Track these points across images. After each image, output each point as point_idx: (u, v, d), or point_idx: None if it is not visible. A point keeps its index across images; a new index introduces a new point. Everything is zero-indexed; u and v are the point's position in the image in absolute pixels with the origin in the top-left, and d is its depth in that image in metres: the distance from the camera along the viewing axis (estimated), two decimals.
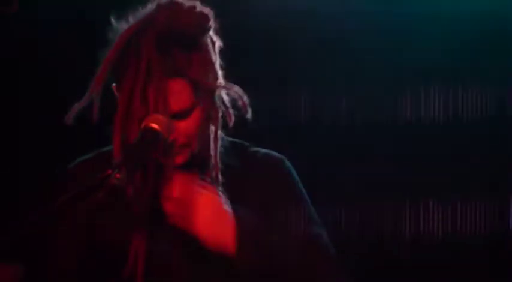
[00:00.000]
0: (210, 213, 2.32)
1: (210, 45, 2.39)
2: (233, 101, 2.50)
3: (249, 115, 2.48)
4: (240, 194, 2.51)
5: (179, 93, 2.32)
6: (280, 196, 2.63)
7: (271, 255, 2.43)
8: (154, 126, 2.23)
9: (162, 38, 2.24)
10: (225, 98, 2.47)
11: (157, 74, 2.26)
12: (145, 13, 2.33)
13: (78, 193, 2.09)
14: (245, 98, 2.45)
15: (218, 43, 2.41)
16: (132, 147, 2.23)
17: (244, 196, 2.53)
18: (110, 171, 2.10)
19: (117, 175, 2.10)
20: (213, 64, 2.39)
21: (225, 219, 2.33)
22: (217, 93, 2.44)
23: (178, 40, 2.28)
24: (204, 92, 2.39)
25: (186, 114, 2.36)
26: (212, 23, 2.39)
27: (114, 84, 2.35)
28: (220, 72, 2.43)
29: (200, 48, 2.35)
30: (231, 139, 2.61)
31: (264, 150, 2.68)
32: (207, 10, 2.37)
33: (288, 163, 2.68)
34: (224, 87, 2.44)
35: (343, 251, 2.87)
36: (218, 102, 2.46)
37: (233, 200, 2.45)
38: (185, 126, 2.37)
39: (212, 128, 2.46)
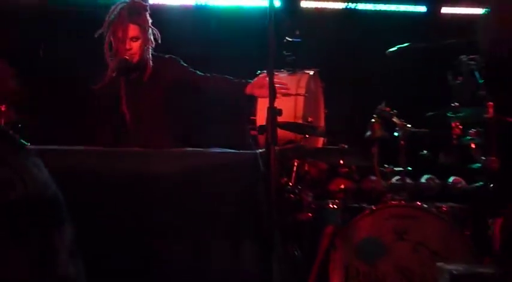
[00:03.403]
0: None
1: (147, 17, 2.98)
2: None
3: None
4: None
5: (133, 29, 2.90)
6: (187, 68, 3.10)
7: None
8: (126, 57, 2.87)
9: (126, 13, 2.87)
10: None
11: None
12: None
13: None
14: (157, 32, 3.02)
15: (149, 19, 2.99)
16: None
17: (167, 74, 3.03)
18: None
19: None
20: (148, 22, 2.98)
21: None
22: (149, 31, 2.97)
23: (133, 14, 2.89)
24: (143, 30, 2.95)
25: (136, 39, 2.91)
26: (147, 9, 2.96)
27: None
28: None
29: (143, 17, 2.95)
30: (155, 53, 3.06)
31: (166, 55, 3.11)
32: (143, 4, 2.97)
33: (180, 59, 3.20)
34: (150, 26, 2.99)
35: None
36: (149, 36, 2.98)
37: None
38: (136, 44, 2.92)
39: (148, 47, 2.97)
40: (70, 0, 4.30)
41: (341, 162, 3.28)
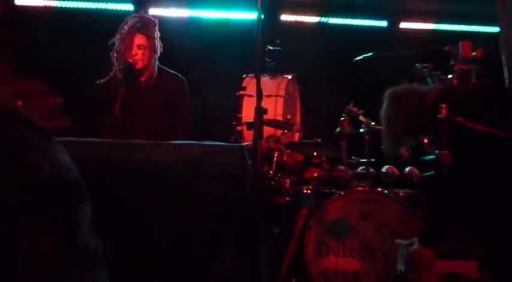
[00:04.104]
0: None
1: (155, 30, 2.96)
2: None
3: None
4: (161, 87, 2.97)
5: (140, 38, 2.90)
6: (178, 100, 2.98)
7: None
8: (130, 61, 2.86)
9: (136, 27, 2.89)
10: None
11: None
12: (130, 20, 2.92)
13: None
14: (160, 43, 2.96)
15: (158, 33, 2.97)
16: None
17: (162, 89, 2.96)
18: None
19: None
20: (155, 34, 2.94)
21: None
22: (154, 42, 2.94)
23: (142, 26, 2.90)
24: (150, 40, 2.92)
25: (143, 47, 2.89)
26: (155, 24, 2.94)
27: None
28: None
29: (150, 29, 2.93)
30: (170, 71, 3.02)
31: (174, 72, 3.04)
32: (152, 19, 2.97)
33: (185, 82, 3.01)
34: (156, 39, 2.94)
35: None
36: (155, 47, 2.94)
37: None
38: (142, 52, 2.89)
39: (153, 57, 2.93)
40: (75, 8, 4.25)
41: (315, 153, 3.29)
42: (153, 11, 4.34)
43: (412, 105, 2.40)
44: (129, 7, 4.33)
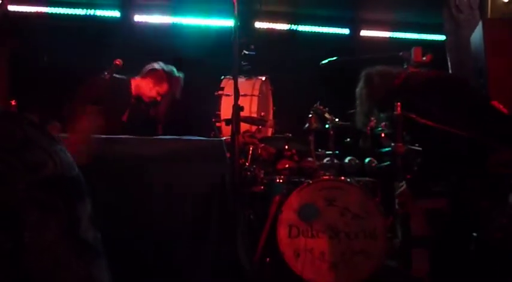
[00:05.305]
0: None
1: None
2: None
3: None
4: None
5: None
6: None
7: None
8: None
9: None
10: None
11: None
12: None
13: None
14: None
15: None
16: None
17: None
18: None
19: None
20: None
21: None
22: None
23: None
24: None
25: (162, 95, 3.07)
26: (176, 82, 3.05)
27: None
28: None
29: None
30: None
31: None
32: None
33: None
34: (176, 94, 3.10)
35: None
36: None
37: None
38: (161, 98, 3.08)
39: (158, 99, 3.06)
40: (66, 14, 4.16)
41: (286, 147, 3.27)
42: (138, 18, 4.30)
43: (382, 84, 2.41)
44: (116, 14, 4.28)
